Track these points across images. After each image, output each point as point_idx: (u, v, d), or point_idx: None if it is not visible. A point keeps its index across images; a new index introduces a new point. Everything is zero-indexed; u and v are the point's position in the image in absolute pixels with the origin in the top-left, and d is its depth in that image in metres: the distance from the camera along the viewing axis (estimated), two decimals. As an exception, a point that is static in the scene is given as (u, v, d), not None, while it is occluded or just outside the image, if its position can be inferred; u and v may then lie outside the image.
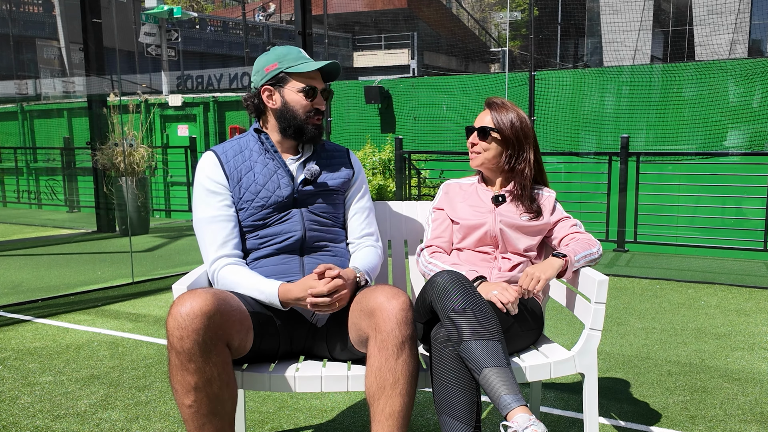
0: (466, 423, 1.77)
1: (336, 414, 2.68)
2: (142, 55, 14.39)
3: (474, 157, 2.29)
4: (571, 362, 1.98)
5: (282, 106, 2.06)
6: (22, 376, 3.10)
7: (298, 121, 2.06)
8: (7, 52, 11.75)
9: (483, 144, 2.26)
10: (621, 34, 18.09)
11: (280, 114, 2.07)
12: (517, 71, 9.12)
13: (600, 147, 7.99)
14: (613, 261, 6.11)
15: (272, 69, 2.06)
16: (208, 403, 1.72)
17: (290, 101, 2.06)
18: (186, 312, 1.67)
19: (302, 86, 2.05)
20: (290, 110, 2.06)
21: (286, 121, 2.07)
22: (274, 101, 2.07)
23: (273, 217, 2.05)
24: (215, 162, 2.07)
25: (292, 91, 2.06)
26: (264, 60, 2.09)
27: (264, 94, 2.08)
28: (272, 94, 2.07)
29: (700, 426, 2.54)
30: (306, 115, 2.06)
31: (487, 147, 2.25)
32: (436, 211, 2.36)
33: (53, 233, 8.11)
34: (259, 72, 2.09)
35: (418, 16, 26.49)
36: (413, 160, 7.85)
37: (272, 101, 2.08)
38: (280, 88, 2.07)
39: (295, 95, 2.06)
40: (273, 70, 2.06)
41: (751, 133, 7.28)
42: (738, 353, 3.40)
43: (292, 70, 2.05)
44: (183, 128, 10.42)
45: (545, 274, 2.04)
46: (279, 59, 2.06)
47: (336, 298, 1.85)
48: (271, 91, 2.07)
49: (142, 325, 3.96)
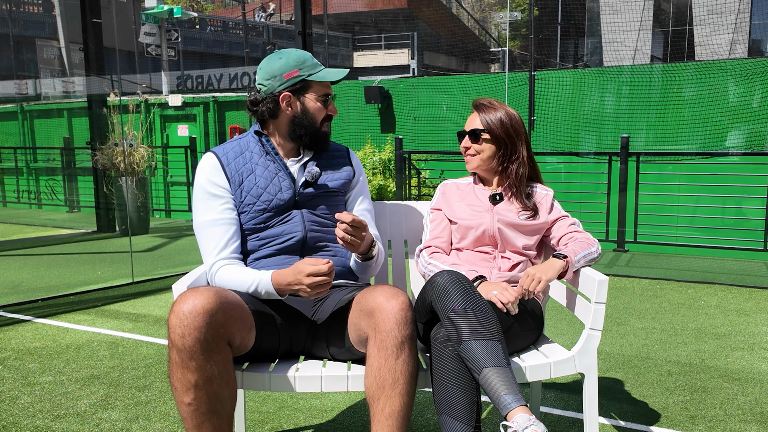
0: (466, 423, 1.77)
1: (336, 414, 2.68)
2: (142, 55, 14.39)
3: (469, 160, 2.29)
4: (571, 362, 1.98)
5: (301, 114, 2.05)
6: (22, 376, 3.10)
7: (314, 128, 2.07)
8: (7, 52, 11.75)
9: (475, 147, 2.26)
10: (621, 34, 18.10)
11: (298, 121, 2.06)
12: (517, 71, 9.12)
13: (600, 147, 7.99)
14: (613, 261, 6.11)
15: (293, 76, 2.03)
16: (207, 402, 1.72)
17: (310, 109, 2.06)
18: (188, 309, 1.68)
19: (321, 95, 2.06)
20: (309, 118, 2.06)
21: (303, 128, 2.06)
22: (293, 108, 2.06)
23: (274, 219, 2.05)
24: (216, 164, 2.07)
25: (312, 100, 2.06)
26: (281, 64, 2.04)
27: (283, 102, 2.05)
28: (291, 101, 2.05)
29: (700, 426, 2.54)
30: (321, 122, 2.08)
31: (480, 149, 2.26)
32: (434, 212, 2.36)
33: (53, 233, 8.11)
34: (277, 77, 2.04)
35: (418, 16, 26.50)
36: (413, 160, 7.85)
37: (291, 108, 2.06)
38: (300, 95, 2.05)
39: (314, 103, 2.06)
40: (294, 77, 2.03)
41: (751, 133, 7.28)
42: (738, 353, 3.40)
43: (314, 78, 2.04)
44: (183, 128, 10.42)
45: (546, 275, 2.04)
46: (299, 66, 2.04)
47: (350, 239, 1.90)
48: (290, 98, 2.05)
49: (142, 325, 3.96)
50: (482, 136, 2.25)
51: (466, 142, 2.29)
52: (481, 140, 2.25)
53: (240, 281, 1.95)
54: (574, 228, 2.25)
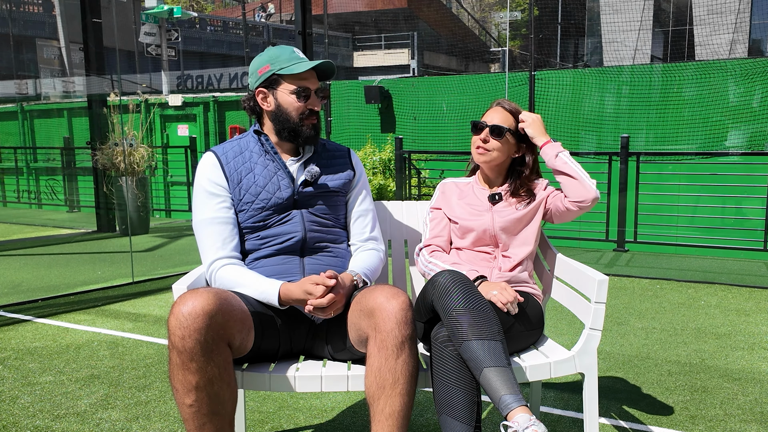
0: (467, 423, 1.77)
1: (336, 414, 2.68)
2: (142, 55, 14.40)
3: (482, 152, 2.23)
4: (571, 362, 1.98)
5: (276, 109, 2.05)
6: (22, 376, 3.10)
7: (291, 123, 2.05)
8: (7, 52, 11.75)
9: (494, 143, 2.21)
10: (621, 34, 18.10)
11: (275, 116, 2.06)
12: (517, 71, 9.12)
13: (600, 147, 7.99)
14: (613, 261, 6.11)
15: (265, 71, 2.05)
16: (208, 403, 1.72)
17: (283, 103, 2.05)
18: (188, 311, 1.67)
19: (294, 88, 2.04)
20: (284, 112, 2.05)
21: (280, 123, 2.06)
22: (269, 103, 2.06)
23: (273, 218, 2.05)
24: (215, 163, 2.07)
25: (285, 93, 2.04)
26: (258, 62, 2.08)
27: (258, 97, 2.07)
28: (266, 97, 2.06)
29: (700, 426, 2.54)
30: (300, 116, 2.05)
31: (498, 146, 2.22)
32: (433, 211, 2.36)
33: (53, 233, 8.11)
34: (254, 74, 2.08)
35: (418, 16, 26.50)
36: (413, 160, 7.85)
37: (267, 103, 2.07)
38: (273, 90, 2.05)
39: (287, 97, 2.04)
40: (265, 72, 2.05)
41: (751, 133, 7.28)
42: (738, 353, 3.40)
43: (284, 72, 2.03)
44: (183, 128, 10.42)
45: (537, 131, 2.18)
46: (271, 61, 2.05)
47: (332, 308, 1.87)
48: (265, 94, 2.06)
49: (142, 324, 3.96)
50: (506, 136, 2.22)
51: (485, 135, 2.22)
52: (504, 139, 2.22)
53: (243, 285, 1.95)
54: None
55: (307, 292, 1.86)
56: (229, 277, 1.98)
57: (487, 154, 2.23)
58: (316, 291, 1.84)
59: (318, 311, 1.86)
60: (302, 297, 1.87)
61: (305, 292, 1.86)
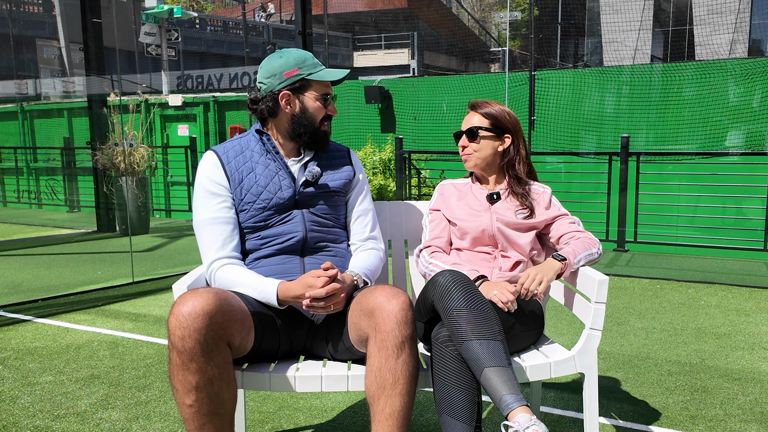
0: (467, 423, 1.77)
1: (336, 414, 2.68)
2: (142, 55, 14.40)
3: (467, 158, 2.30)
4: (571, 362, 1.98)
5: (300, 112, 2.05)
6: (22, 376, 3.10)
7: (313, 127, 2.07)
8: (7, 52, 11.75)
9: (473, 145, 2.28)
10: (621, 34, 18.10)
11: (297, 120, 2.06)
12: (517, 71, 9.12)
13: (600, 147, 7.99)
14: (613, 261, 6.11)
15: (293, 74, 2.03)
16: (208, 403, 1.72)
17: (309, 108, 2.05)
18: (188, 311, 1.67)
19: (320, 94, 2.06)
20: (308, 117, 2.06)
21: (302, 127, 2.06)
22: (293, 107, 2.06)
23: (274, 218, 2.05)
24: (216, 163, 2.07)
25: (311, 98, 2.05)
26: (281, 63, 2.05)
27: (282, 100, 2.05)
28: (291, 100, 2.05)
29: (700, 426, 2.54)
30: (320, 121, 2.08)
31: (477, 147, 2.27)
32: (432, 212, 2.37)
33: (53, 233, 8.11)
34: (277, 75, 2.04)
35: (418, 16, 26.51)
36: (413, 160, 7.85)
37: (290, 107, 2.06)
38: (299, 94, 2.05)
39: (314, 102, 2.06)
40: (294, 75, 2.03)
41: (751, 133, 7.28)
42: (738, 353, 3.40)
43: (314, 78, 2.04)
44: (183, 128, 10.43)
45: (547, 275, 2.04)
46: (299, 65, 2.04)
47: (332, 301, 1.86)
48: (290, 97, 2.05)
49: (142, 325, 3.96)
50: (480, 134, 2.26)
51: (463, 141, 2.30)
52: (479, 138, 2.27)
53: (243, 284, 1.95)
54: (575, 227, 2.24)
55: (308, 285, 1.85)
56: (228, 277, 1.98)
57: (470, 158, 2.29)
58: (316, 282, 1.84)
59: (317, 307, 1.85)
60: (302, 291, 1.86)
61: (305, 285, 1.86)
